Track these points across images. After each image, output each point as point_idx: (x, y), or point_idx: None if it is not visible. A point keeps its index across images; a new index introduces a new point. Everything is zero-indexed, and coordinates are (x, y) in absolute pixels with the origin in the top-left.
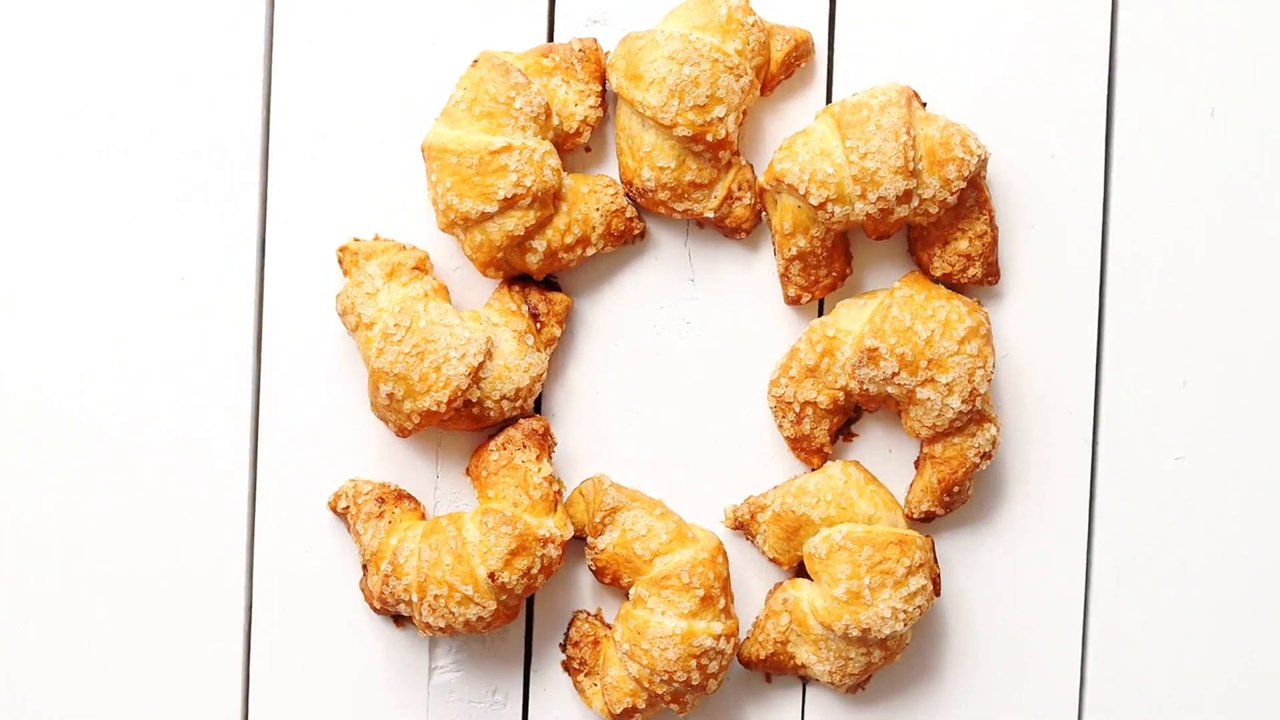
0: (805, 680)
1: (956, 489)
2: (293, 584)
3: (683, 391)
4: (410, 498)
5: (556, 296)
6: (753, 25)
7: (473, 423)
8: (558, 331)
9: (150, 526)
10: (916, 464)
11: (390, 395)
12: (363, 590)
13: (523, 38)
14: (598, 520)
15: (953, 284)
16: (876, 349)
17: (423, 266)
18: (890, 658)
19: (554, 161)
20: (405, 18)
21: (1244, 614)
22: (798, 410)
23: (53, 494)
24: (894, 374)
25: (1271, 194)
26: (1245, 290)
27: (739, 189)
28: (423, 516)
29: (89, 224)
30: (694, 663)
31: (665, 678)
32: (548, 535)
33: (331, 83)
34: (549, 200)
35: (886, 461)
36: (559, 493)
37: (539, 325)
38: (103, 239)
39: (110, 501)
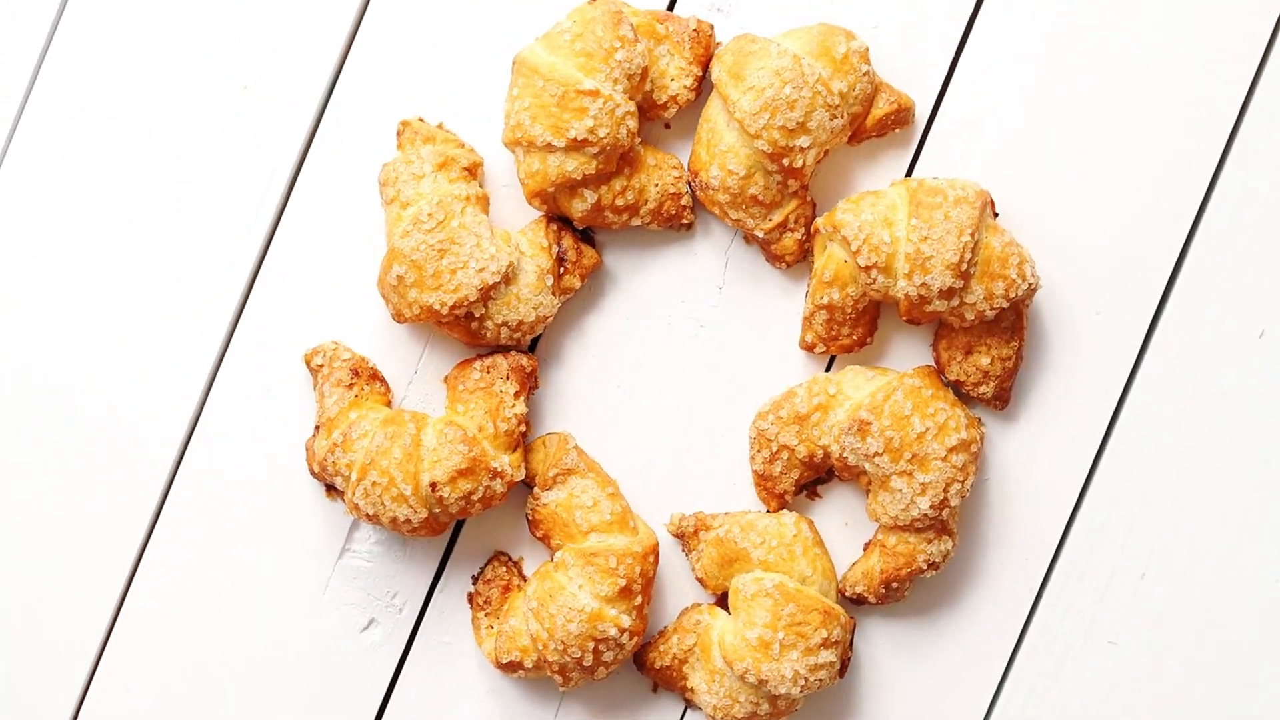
0: (689, 705)
1: (896, 585)
2: (239, 425)
3: (676, 390)
4: (383, 381)
5: (588, 251)
6: (864, 74)
7: (467, 336)
8: (577, 284)
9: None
10: (866, 547)
11: (400, 278)
12: (307, 449)
13: None
14: (550, 475)
15: (961, 393)
16: (869, 424)
17: (473, 171)
18: (775, 717)
19: (633, 124)
20: None
21: None
22: (774, 450)
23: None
24: (876, 453)
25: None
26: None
27: (795, 221)
28: (388, 404)
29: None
30: (592, 644)
31: (560, 648)
32: (499, 469)
33: None
34: (614, 158)
35: (839, 532)
36: (524, 434)
37: (562, 271)
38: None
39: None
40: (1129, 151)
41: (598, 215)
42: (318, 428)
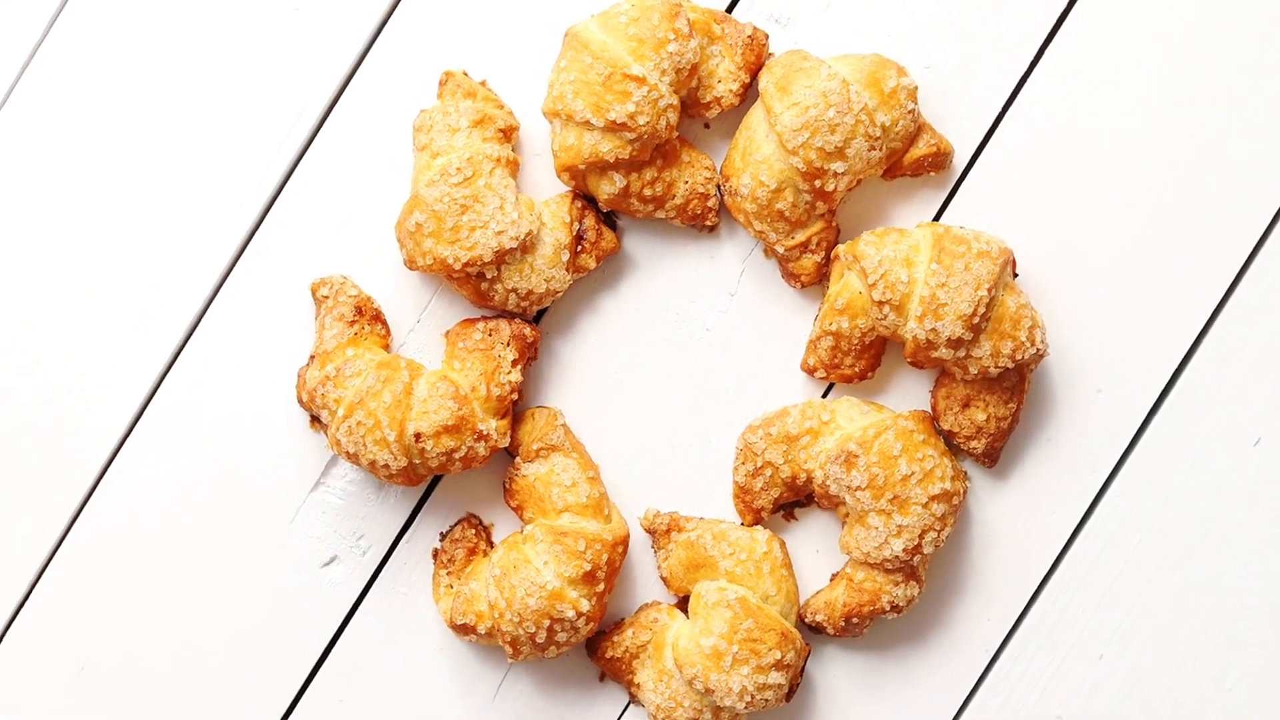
0: (632, 700)
1: (856, 621)
2: (237, 342)
3: (672, 387)
4: (385, 324)
5: (608, 234)
6: (909, 112)
7: (475, 295)
8: (592, 265)
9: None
10: (833, 578)
11: (419, 225)
12: (299, 377)
13: None
14: (534, 448)
15: (953, 444)
16: (857, 457)
17: (508, 134)
18: None
19: (673, 117)
20: None
21: None
22: (758, 465)
23: None
24: (859, 487)
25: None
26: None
27: (817, 243)
28: (386, 347)
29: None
30: (548, 622)
31: (516, 619)
32: (485, 432)
33: None
34: (649, 147)
35: (809, 558)
36: (515, 403)
37: (579, 249)
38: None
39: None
40: (1159, 237)
41: (624, 201)
42: (313, 357)
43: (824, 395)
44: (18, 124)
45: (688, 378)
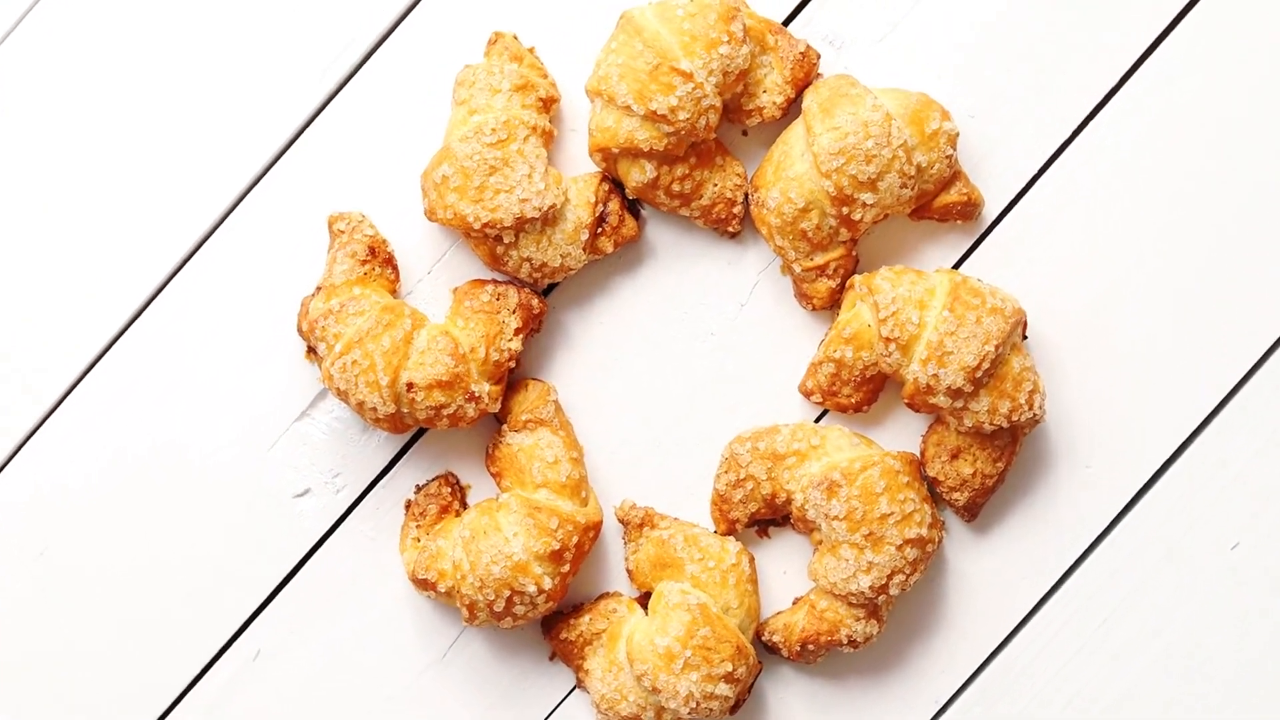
0: (578, 685)
1: (812, 648)
2: (245, 264)
3: (668, 385)
4: (395, 268)
5: (630, 222)
6: (947, 157)
7: (490, 257)
8: (609, 249)
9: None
10: (796, 601)
11: (445, 178)
12: (302, 305)
13: (765, 1)
14: (523, 419)
15: (936, 491)
16: (839, 487)
17: (548, 105)
18: None
19: (714, 118)
20: None
21: None
22: (740, 477)
23: None
24: (836, 517)
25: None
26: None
27: (834, 269)
28: (393, 292)
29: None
30: (508, 593)
31: (478, 584)
32: (477, 394)
33: None
34: (685, 143)
35: (776, 578)
36: (511, 370)
37: (599, 232)
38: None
39: None
40: (1172, 328)
41: (651, 192)
42: (319, 289)
43: (816, 420)
44: (50, 27)
45: (686, 378)
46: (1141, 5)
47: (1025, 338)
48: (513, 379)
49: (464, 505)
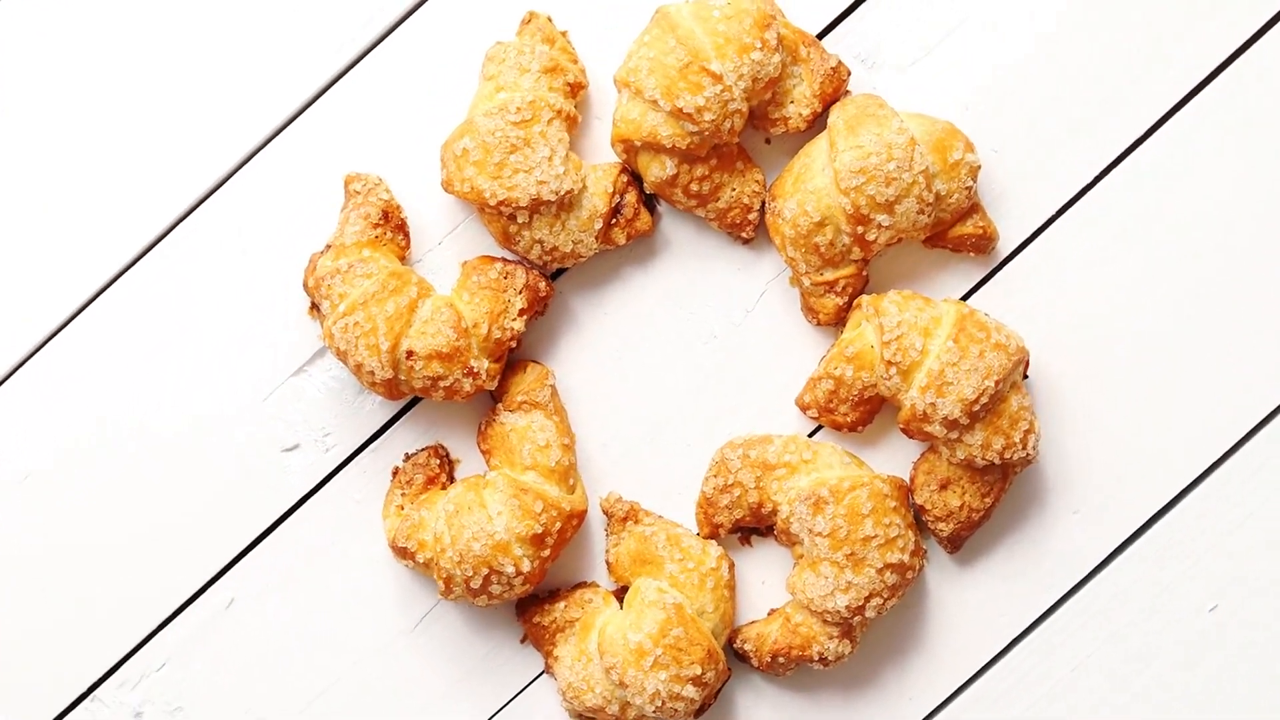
0: (546, 671)
1: (783, 661)
2: (257, 214)
3: (666, 383)
4: (407, 235)
5: (644, 216)
6: (967, 188)
7: (502, 235)
8: (622, 241)
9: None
10: (771, 613)
11: (465, 150)
12: (311, 261)
13: (801, 13)
14: (518, 400)
15: (921, 519)
16: (826, 504)
17: (575, 90)
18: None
19: (739, 123)
20: None
21: None
22: (729, 482)
23: None
24: (820, 533)
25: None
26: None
27: (843, 287)
28: (402, 258)
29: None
30: (486, 571)
31: (457, 559)
32: (476, 370)
33: None
34: (707, 145)
35: (753, 587)
36: (511, 350)
37: (613, 223)
38: None
39: None
40: (1172, 384)
41: (668, 189)
42: (329, 246)
43: (810, 434)
44: None
45: (685, 377)
46: (1173, 62)
47: (1026, 377)
48: (512, 359)
49: (451, 479)
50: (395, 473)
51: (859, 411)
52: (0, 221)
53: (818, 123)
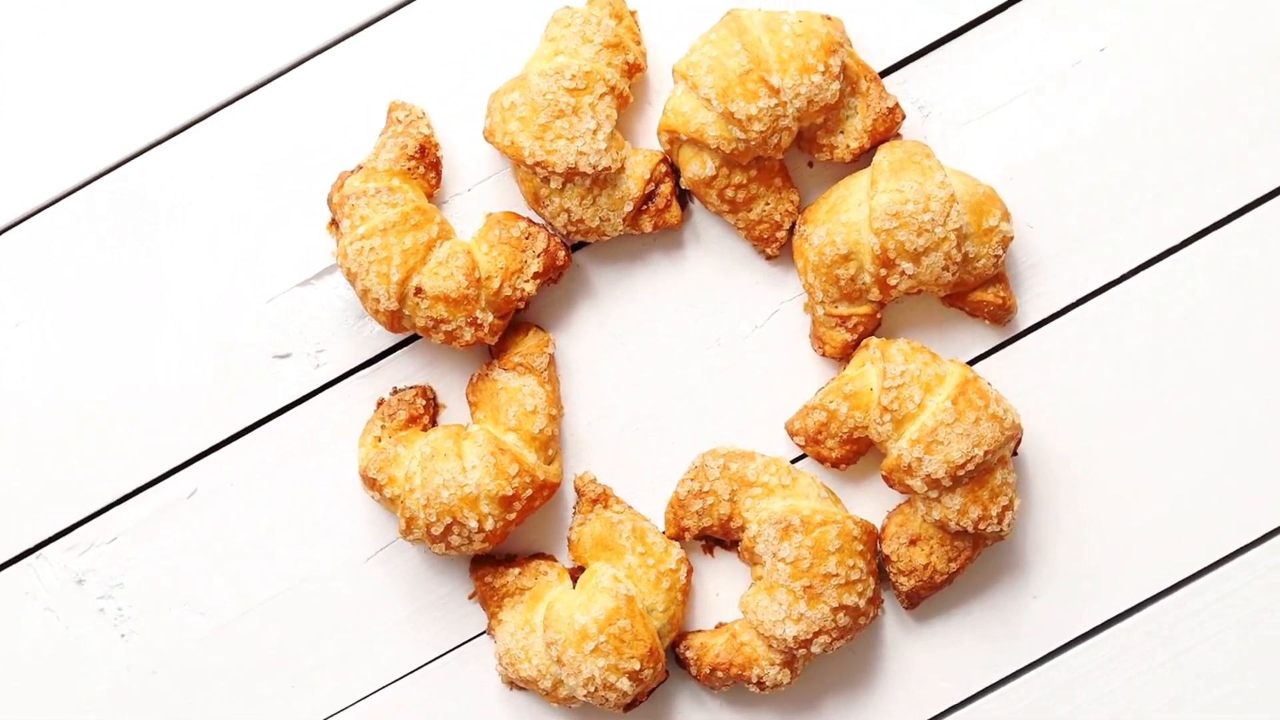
0: (487, 632)
1: (720, 675)
2: (291, 120)
3: (664, 380)
4: (439, 174)
5: (675, 209)
6: (996, 257)
7: (532, 195)
8: (648, 229)
9: None
10: (719, 626)
11: (513, 104)
12: (339, 177)
13: (871, 48)
14: (515, 360)
15: (884, 569)
16: (795, 532)
17: (633, 71)
18: (548, 698)
19: (786, 140)
20: None
21: None
22: (703, 488)
23: None
24: (782, 559)
25: None
26: None
27: (855, 325)
28: (429, 196)
29: None
30: (449, 520)
31: (423, 501)
32: (480, 321)
33: None
34: (750, 155)
35: (706, 597)
36: (519, 310)
37: (643, 208)
38: None
39: None
40: (1159, 489)
41: (704, 188)
42: (360, 167)
43: (793, 461)
44: None
45: (682, 376)
46: (1217, 184)
47: (1016, 454)
48: (517, 319)
49: (434, 422)
50: (380, 403)
51: (845, 449)
52: (39, 79)
53: (863, 158)
